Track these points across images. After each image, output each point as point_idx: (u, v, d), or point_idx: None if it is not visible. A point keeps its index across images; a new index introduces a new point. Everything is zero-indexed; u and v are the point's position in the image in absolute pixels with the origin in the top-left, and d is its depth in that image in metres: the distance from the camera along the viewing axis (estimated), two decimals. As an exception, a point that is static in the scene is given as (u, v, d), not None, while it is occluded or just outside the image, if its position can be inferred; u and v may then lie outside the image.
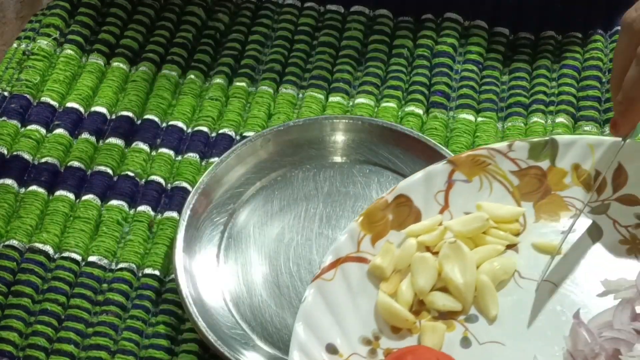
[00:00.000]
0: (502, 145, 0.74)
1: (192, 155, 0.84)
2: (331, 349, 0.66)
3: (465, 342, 0.68)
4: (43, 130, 0.84)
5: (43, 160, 0.82)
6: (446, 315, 0.69)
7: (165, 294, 0.76)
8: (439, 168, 0.73)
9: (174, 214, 0.80)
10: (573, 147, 0.74)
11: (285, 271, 0.76)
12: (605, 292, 0.70)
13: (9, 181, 0.81)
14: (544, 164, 0.74)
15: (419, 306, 0.69)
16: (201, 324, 0.72)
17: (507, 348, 0.68)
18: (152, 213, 0.80)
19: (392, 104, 0.87)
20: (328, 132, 0.83)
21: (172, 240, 0.78)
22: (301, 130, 0.83)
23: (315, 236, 0.78)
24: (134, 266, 0.77)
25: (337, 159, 0.83)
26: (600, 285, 0.70)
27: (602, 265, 0.72)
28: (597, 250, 0.72)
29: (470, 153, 0.74)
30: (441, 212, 0.72)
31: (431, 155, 0.81)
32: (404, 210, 0.72)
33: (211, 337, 0.71)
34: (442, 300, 0.69)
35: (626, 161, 0.73)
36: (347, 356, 0.67)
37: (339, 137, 0.83)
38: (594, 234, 0.73)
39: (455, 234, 0.71)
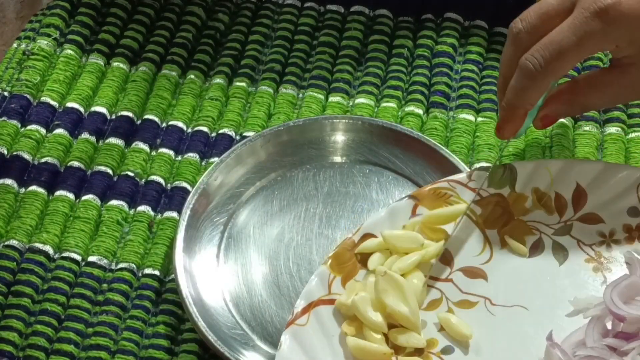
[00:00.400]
0: (461, 176, 0.75)
1: (192, 155, 0.84)
2: None
3: None
4: (43, 130, 0.84)
5: (43, 160, 0.82)
6: (421, 351, 0.69)
7: (165, 294, 0.76)
8: (402, 204, 0.73)
9: (174, 214, 0.80)
10: (531, 171, 0.75)
11: (285, 271, 0.76)
12: (575, 311, 0.71)
13: (9, 181, 0.81)
14: (504, 191, 0.75)
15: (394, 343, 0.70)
16: (201, 324, 0.72)
17: None
18: (152, 213, 0.80)
19: (392, 104, 0.87)
20: (328, 132, 0.83)
21: (172, 240, 0.78)
22: (301, 130, 0.83)
23: (315, 236, 0.78)
24: (134, 266, 0.77)
25: (337, 159, 0.83)
26: (570, 305, 0.71)
27: (570, 285, 0.72)
28: (565, 271, 0.73)
29: (431, 187, 0.74)
30: None
31: (431, 155, 0.81)
32: None
33: (211, 337, 0.71)
34: (404, 338, 0.69)
35: (584, 181, 0.75)
36: None
37: (339, 137, 0.83)
38: (560, 255, 0.74)
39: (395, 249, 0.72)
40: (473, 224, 0.74)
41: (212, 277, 0.76)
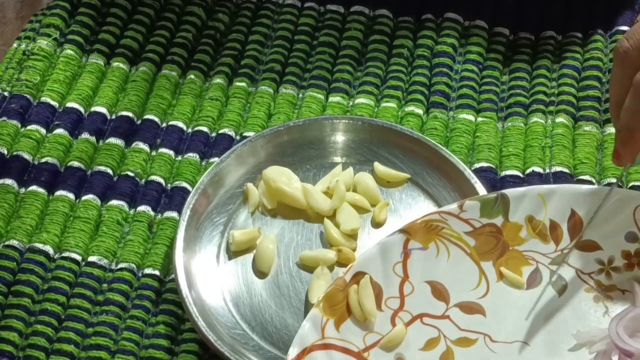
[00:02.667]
0: (452, 207, 0.73)
1: (192, 155, 0.84)
2: None
3: None
4: (43, 130, 0.84)
5: (43, 160, 0.82)
6: None
7: (165, 294, 0.76)
8: (394, 239, 0.72)
9: (174, 214, 0.80)
10: (524, 199, 0.73)
11: (285, 271, 0.76)
12: (578, 345, 0.69)
13: (9, 181, 0.81)
14: (498, 220, 0.73)
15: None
16: (201, 324, 0.72)
17: None
18: (152, 213, 0.80)
19: (392, 104, 0.87)
20: (328, 132, 0.83)
21: (172, 240, 0.78)
22: (301, 130, 0.83)
23: (315, 236, 0.78)
24: (134, 266, 0.77)
25: (337, 159, 0.83)
26: (572, 339, 0.69)
27: (571, 317, 0.71)
28: (565, 302, 0.72)
29: (422, 219, 0.72)
30: (402, 283, 0.71)
31: (431, 156, 0.81)
32: None
33: (211, 337, 0.71)
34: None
35: (579, 207, 0.73)
36: None
37: (339, 138, 0.83)
38: (559, 285, 0.72)
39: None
40: (467, 256, 0.72)
41: (212, 277, 0.76)
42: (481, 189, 0.78)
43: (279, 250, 0.77)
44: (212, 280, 0.76)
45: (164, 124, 0.86)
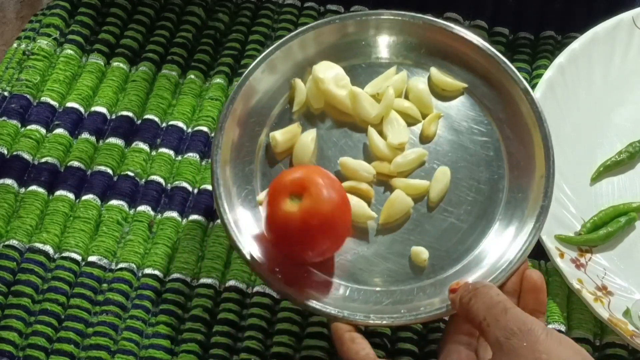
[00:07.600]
0: None
1: (192, 155, 0.84)
2: None
3: None
4: (43, 130, 0.84)
5: (43, 160, 0.82)
6: None
7: (165, 294, 0.76)
8: None
9: (174, 214, 0.80)
10: None
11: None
12: None
13: (9, 181, 0.81)
14: None
15: None
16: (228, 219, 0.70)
17: None
18: (152, 213, 0.80)
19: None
20: (385, 30, 0.80)
21: (172, 241, 0.78)
22: (357, 25, 0.79)
23: (358, 144, 0.76)
24: (134, 266, 0.77)
25: (393, 59, 0.79)
26: None
27: None
28: None
29: None
30: None
31: (491, 67, 0.79)
32: None
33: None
34: None
35: None
36: None
37: (396, 39, 0.80)
38: None
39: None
40: None
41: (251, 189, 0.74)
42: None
43: (320, 151, 0.76)
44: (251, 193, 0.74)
45: (164, 124, 0.86)
